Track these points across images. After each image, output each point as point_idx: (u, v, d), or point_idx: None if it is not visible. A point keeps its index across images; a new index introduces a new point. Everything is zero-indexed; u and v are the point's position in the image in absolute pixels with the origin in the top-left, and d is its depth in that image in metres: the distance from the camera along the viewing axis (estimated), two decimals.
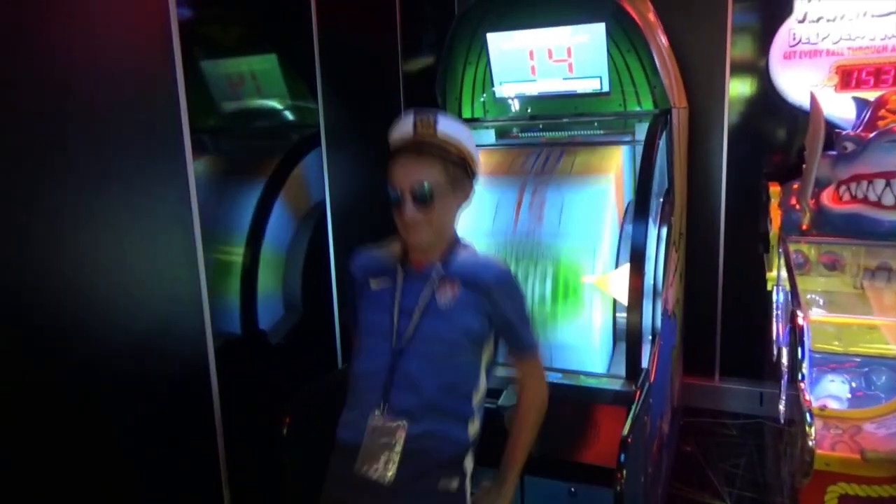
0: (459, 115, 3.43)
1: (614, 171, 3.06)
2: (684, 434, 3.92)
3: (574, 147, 3.24)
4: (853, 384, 2.53)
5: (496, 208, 3.05)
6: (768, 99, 3.83)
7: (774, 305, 3.22)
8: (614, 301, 2.90)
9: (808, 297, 2.97)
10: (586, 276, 2.84)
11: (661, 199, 2.98)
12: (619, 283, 2.76)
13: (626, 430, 2.22)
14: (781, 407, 2.89)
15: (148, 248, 2.22)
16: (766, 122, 3.93)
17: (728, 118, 3.94)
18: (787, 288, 2.98)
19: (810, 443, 2.17)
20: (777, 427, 3.06)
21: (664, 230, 2.88)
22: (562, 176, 3.07)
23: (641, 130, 3.14)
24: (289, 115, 3.00)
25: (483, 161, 2.95)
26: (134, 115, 2.13)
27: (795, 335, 2.47)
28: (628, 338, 2.58)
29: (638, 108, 3.19)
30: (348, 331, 3.08)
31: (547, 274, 2.87)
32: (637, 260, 2.63)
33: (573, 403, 2.51)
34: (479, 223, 3.01)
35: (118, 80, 2.08)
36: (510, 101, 3.37)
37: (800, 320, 2.49)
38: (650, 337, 2.71)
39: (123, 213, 2.12)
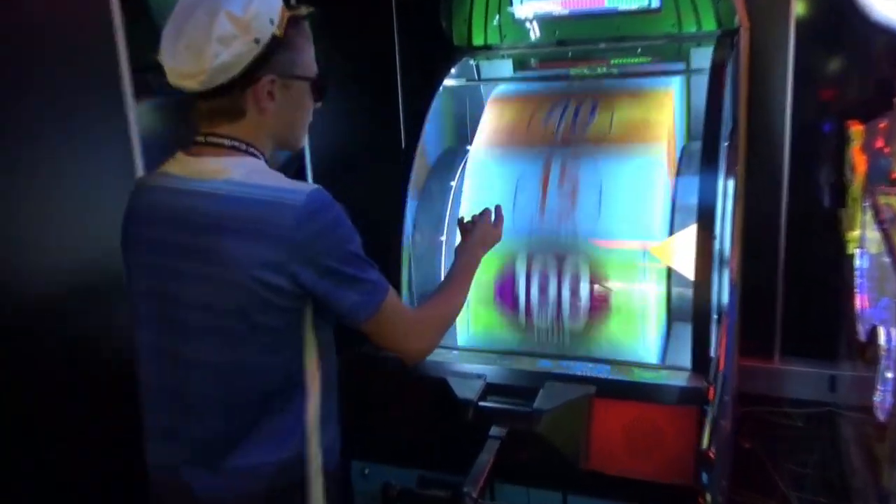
0: (469, 42, 3.22)
1: (665, 131, 2.78)
2: (741, 426, 3.76)
3: (611, 95, 3.00)
4: None
5: (515, 191, 2.80)
6: (846, 16, 3.48)
7: (857, 272, 3.04)
8: (669, 272, 2.67)
9: None
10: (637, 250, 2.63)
11: (727, 142, 2.75)
12: (680, 250, 2.53)
13: (705, 441, 2.03)
14: (878, 398, 2.64)
15: (85, 199, 2.25)
16: (844, 45, 3.73)
17: (794, 41, 3.73)
18: (874, 250, 2.79)
19: None
20: (867, 421, 2.84)
21: (731, 182, 2.65)
22: (598, 142, 2.82)
23: (699, 57, 2.97)
24: None
25: (493, 117, 2.88)
26: (62, 49, 2.14)
27: None
28: (695, 319, 2.36)
29: (695, 30, 2.96)
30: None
31: (580, 275, 2.69)
32: (706, 220, 2.41)
33: (626, 404, 2.30)
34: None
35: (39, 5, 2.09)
36: (531, 22, 3.17)
37: None
38: (716, 316, 2.48)
39: (55, 160, 2.16)
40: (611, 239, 2.65)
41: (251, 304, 1.49)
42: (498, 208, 2.17)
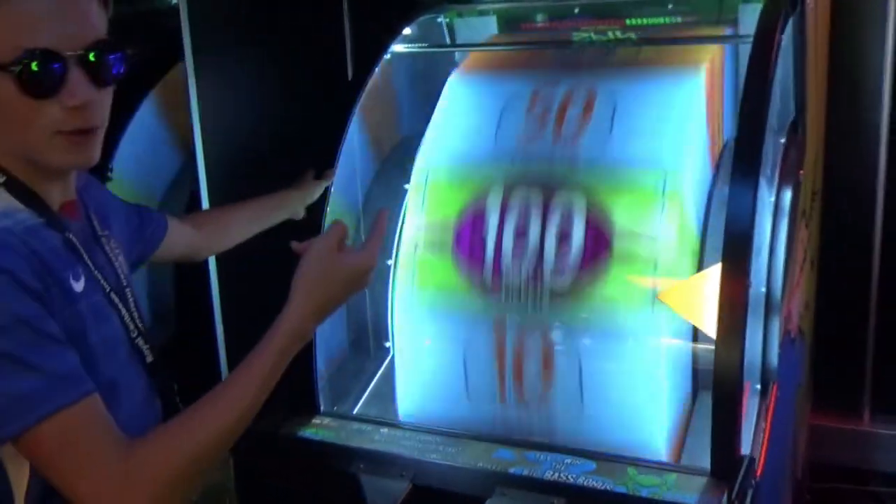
0: None
1: (708, 62, 2.44)
2: None
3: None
4: None
5: (502, 111, 2.47)
6: None
7: None
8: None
9: None
10: (644, 271, 2.22)
11: (784, 139, 2.41)
12: (701, 297, 2.09)
13: None
14: None
15: None
16: None
17: None
18: None
19: None
20: None
21: (787, 193, 2.30)
22: (618, 68, 2.55)
23: (751, 18, 2.48)
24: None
25: (477, 56, 2.70)
26: None
27: None
28: (716, 403, 1.92)
29: None
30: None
31: (573, 213, 2.28)
32: (737, 254, 1.94)
33: None
34: (470, 138, 2.47)
35: None
36: None
37: None
38: (758, 387, 2.18)
39: None
40: (622, 165, 2.33)
41: None
42: (381, 215, 1.72)
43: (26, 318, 1.25)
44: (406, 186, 2.46)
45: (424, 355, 2.31)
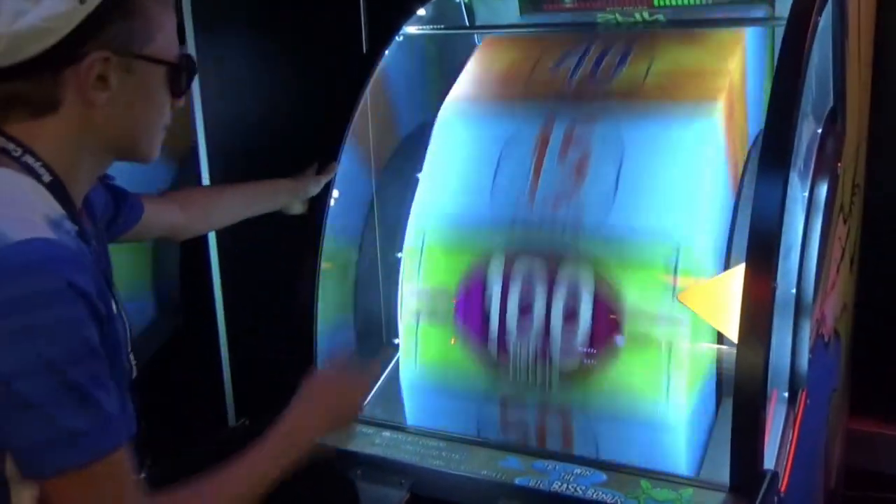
0: None
1: (726, 85, 2.21)
2: None
3: (652, 39, 2.46)
4: None
5: (498, 159, 2.30)
6: None
7: None
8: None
9: None
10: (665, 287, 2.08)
11: (820, 129, 2.26)
12: (725, 298, 1.96)
13: None
14: None
15: None
16: None
17: None
18: None
19: None
20: None
21: (822, 187, 2.16)
22: (625, 97, 2.29)
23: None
24: None
25: (482, 64, 2.50)
26: None
27: None
28: (737, 412, 1.82)
29: None
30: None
31: (580, 288, 2.12)
32: (763, 254, 1.83)
33: None
34: (467, 194, 2.30)
35: None
36: None
37: None
38: (785, 394, 2.08)
39: None
40: (630, 235, 2.15)
41: None
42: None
43: (95, 347, 1.22)
44: (418, 176, 2.35)
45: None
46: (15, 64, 1.25)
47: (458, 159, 2.27)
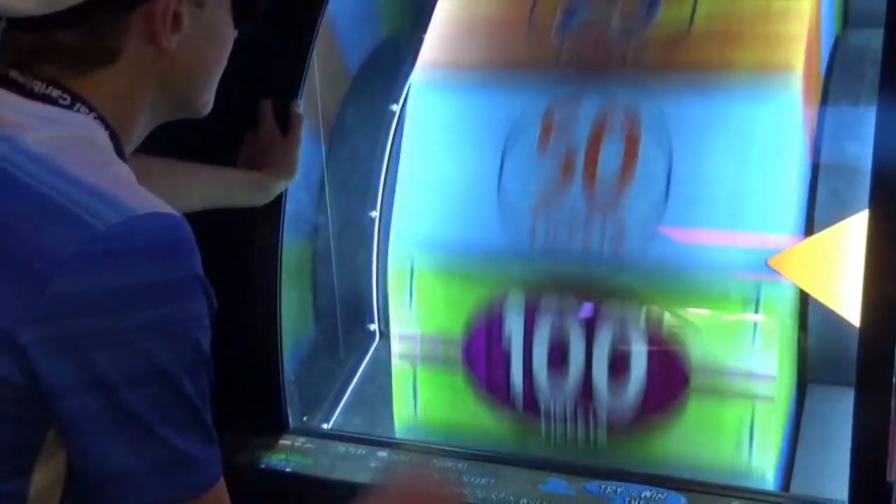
0: None
1: (801, 44, 1.71)
2: None
3: None
4: None
5: (501, 160, 1.81)
6: None
7: None
8: (801, 311, 1.77)
9: None
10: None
11: None
12: (833, 261, 1.61)
13: None
14: None
15: None
16: None
17: None
18: None
19: None
20: None
21: None
22: (665, 61, 1.79)
23: None
24: None
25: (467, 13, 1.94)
26: None
27: None
28: (859, 412, 1.46)
29: None
30: None
31: (628, 330, 1.71)
32: (887, 198, 1.44)
33: None
34: (463, 205, 1.84)
35: None
36: None
37: None
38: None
39: None
40: (689, 263, 1.73)
41: None
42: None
43: (208, 357, 1.08)
44: (393, 108, 1.99)
45: None
46: (64, 10, 1.09)
47: (447, 154, 1.82)
